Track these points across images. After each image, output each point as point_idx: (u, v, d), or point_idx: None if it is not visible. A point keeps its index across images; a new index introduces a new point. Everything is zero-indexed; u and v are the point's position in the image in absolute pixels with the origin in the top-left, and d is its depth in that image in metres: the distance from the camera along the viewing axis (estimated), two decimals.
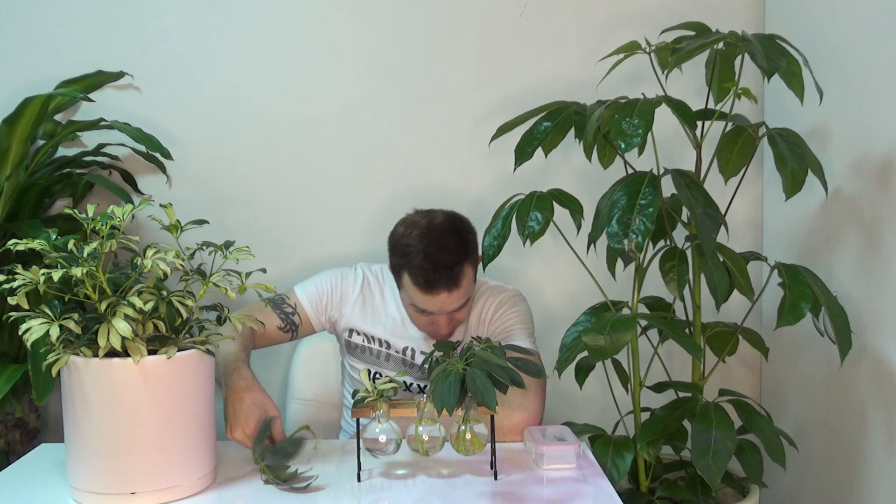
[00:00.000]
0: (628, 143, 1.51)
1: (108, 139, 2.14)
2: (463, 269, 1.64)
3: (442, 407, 1.25)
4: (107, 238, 1.26)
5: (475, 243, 1.70)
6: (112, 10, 2.19)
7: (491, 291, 1.81)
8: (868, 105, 1.73)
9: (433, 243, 1.64)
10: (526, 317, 1.79)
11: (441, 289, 1.62)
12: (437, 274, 1.61)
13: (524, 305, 1.81)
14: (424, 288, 1.63)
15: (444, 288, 1.62)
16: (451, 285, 1.63)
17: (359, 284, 1.82)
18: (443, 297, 1.63)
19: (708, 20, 1.74)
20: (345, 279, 1.82)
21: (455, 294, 1.64)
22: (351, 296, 1.81)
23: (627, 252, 1.51)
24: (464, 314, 1.72)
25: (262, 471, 1.37)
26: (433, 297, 1.63)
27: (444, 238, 1.65)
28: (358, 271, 1.85)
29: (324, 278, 1.82)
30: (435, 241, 1.64)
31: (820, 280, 1.63)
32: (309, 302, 1.78)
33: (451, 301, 1.65)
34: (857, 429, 1.78)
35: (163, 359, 1.25)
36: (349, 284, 1.82)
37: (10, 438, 2.01)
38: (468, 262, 1.66)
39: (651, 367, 1.77)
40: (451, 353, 1.37)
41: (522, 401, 1.56)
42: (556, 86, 2.12)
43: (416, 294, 1.65)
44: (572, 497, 1.33)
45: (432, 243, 1.64)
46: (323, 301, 1.79)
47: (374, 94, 2.24)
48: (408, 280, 1.65)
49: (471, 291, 1.70)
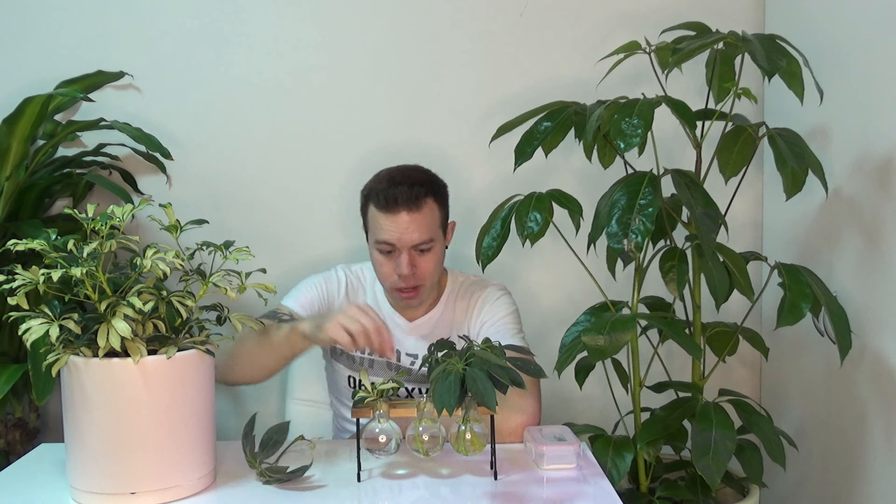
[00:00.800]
0: (628, 143, 1.51)
1: (108, 139, 2.14)
2: (425, 196, 1.66)
3: (442, 407, 1.25)
4: (107, 238, 1.26)
5: (444, 190, 1.73)
6: (112, 10, 2.19)
7: (475, 286, 1.80)
8: (868, 105, 1.73)
9: (398, 171, 1.70)
10: (514, 313, 1.77)
11: (401, 207, 1.63)
12: (399, 192, 1.63)
13: (510, 299, 1.79)
14: (384, 206, 1.64)
15: (403, 206, 1.63)
16: (412, 205, 1.63)
17: (343, 287, 1.81)
18: (403, 219, 1.63)
19: (708, 20, 1.74)
20: (329, 283, 1.81)
21: (416, 217, 1.64)
22: (336, 300, 1.80)
23: (627, 252, 1.51)
24: (429, 263, 1.69)
25: (261, 473, 1.37)
26: (393, 217, 1.64)
27: (409, 169, 1.72)
28: (340, 274, 1.84)
29: (309, 286, 1.80)
30: (399, 170, 1.71)
31: (820, 280, 1.63)
32: (303, 310, 1.75)
33: (413, 227, 1.64)
34: (857, 429, 1.78)
35: (163, 359, 1.25)
36: (333, 288, 1.81)
37: (10, 438, 2.01)
38: (432, 196, 1.68)
39: (651, 367, 1.77)
40: (451, 353, 1.37)
41: (521, 403, 1.54)
42: (556, 86, 2.12)
43: (377, 220, 1.66)
44: (572, 497, 1.33)
45: (397, 172, 1.70)
46: (315, 307, 1.77)
47: (374, 94, 2.24)
48: (372, 209, 1.67)
49: (435, 233, 1.68)
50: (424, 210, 1.65)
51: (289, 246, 2.23)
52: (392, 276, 1.69)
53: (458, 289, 1.80)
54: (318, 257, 2.20)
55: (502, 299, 1.78)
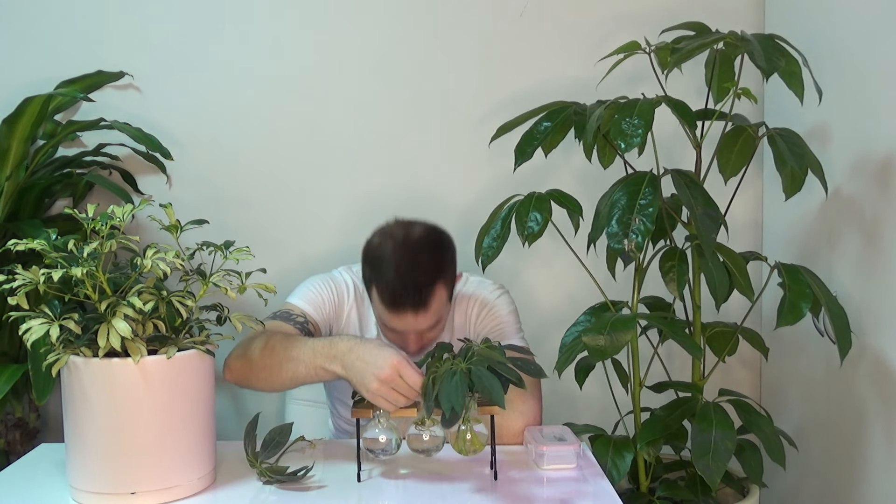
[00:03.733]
0: (628, 143, 1.51)
1: (108, 139, 2.14)
2: (433, 291, 1.56)
3: (450, 407, 1.24)
4: (107, 238, 1.26)
5: (453, 262, 1.63)
6: (112, 10, 2.19)
7: (475, 288, 1.77)
8: (868, 105, 1.73)
9: (405, 259, 1.55)
10: (513, 313, 1.76)
11: (407, 309, 1.55)
12: (405, 292, 1.53)
13: (508, 298, 1.77)
14: (390, 305, 1.56)
15: (410, 308, 1.55)
16: (419, 306, 1.55)
17: (352, 293, 1.75)
18: (409, 318, 1.56)
19: (708, 20, 1.74)
20: (337, 286, 1.75)
21: (423, 316, 1.56)
22: (346, 304, 1.75)
23: (627, 252, 1.51)
24: (436, 333, 1.65)
25: (262, 473, 1.37)
26: (399, 317, 1.56)
27: (417, 255, 1.57)
28: (346, 277, 1.77)
29: (317, 284, 1.74)
30: (408, 257, 1.55)
31: (820, 280, 1.63)
32: (313, 308, 1.70)
33: (419, 322, 1.57)
34: (857, 429, 1.78)
35: (163, 359, 1.25)
36: (343, 292, 1.75)
37: (10, 438, 2.01)
38: (441, 283, 1.57)
39: (651, 367, 1.77)
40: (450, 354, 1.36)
41: (522, 406, 1.53)
42: (556, 86, 2.11)
43: (382, 310, 1.58)
44: (572, 497, 1.33)
45: (405, 259, 1.55)
46: (326, 307, 1.72)
47: (375, 94, 2.24)
48: (376, 295, 1.58)
49: (443, 312, 1.62)
50: (433, 305, 1.56)
51: (289, 246, 2.23)
52: (398, 344, 1.62)
53: (457, 293, 1.76)
54: (319, 257, 2.20)
55: (501, 299, 1.76)
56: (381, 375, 1.33)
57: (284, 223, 2.25)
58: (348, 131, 2.24)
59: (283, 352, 1.47)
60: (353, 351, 1.39)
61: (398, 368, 1.33)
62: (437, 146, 2.23)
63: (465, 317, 1.75)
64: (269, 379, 1.48)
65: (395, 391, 1.33)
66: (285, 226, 2.25)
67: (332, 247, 2.23)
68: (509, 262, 2.18)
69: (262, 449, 1.39)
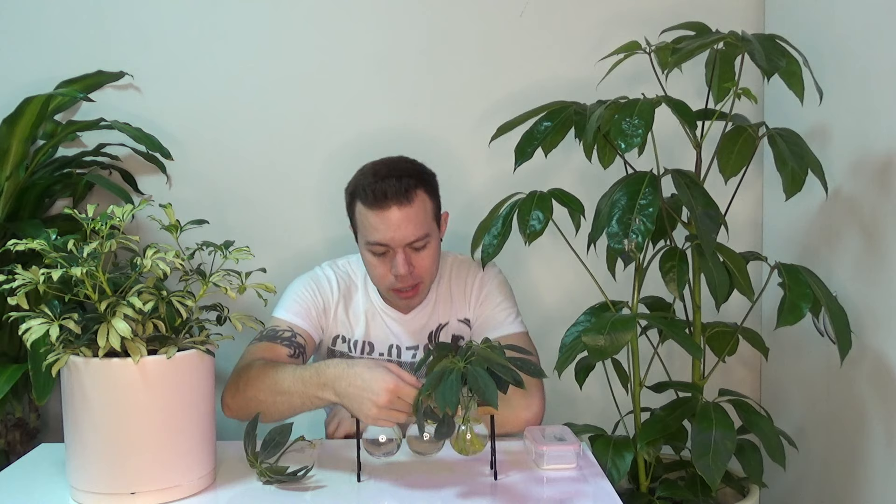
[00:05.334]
0: (628, 143, 1.51)
1: (108, 139, 2.14)
2: (415, 188, 1.58)
3: (444, 406, 1.25)
4: (107, 238, 1.26)
5: (433, 180, 1.68)
6: (112, 10, 2.19)
7: (466, 265, 1.78)
8: (868, 105, 1.73)
9: (383, 165, 1.64)
10: (510, 294, 1.78)
11: (391, 202, 1.55)
12: (387, 185, 1.56)
13: (502, 277, 1.79)
14: (373, 203, 1.56)
15: (393, 201, 1.55)
16: (402, 198, 1.56)
17: (335, 288, 1.74)
18: (394, 215, 1.56)
19: (708, 20, 1.74)
20: (319, 284, 1.74)
21: (408, 212, 1.56)
22: (332, 302, 1.73)
23: (627, 252, 1.51)
24: (425, 260, 1.63)
25: (261, 473, 1.37)
26: (383, 214, 1.56)
27: (394, 160, 1.66)
28: (328, 273, 1.76)
29: (299, 291, 1.72)
30: (384, 163, 1.65)
31: (820, 280, 1.63)
32: (300, 318, 1.68)
33: (405, 223, 1.56)
34: (857, 429, 1.78)
35: (163, 359, 1.25)
36: (326, 289, 1.74)
37: (10, 438, 2.00)
38: (423, 187, 1.61)
39: (651, 367, 1.77)
40: (449, 353, 1.36)
41: (527, 401, 1.54)
42: (556, 86, 2.11)
43: (366, 219, 1.58)
44: (572, 497, 1.33)
45: (382, 165, 1.64)
46: (312, 313, 1.70)
47: (375, 94, 2.24)
48: (359, 207, 1.59)
49: (429, 227, 1.62)
50: (416, 203, 1.58)
51: (289, 246, 2.23)
52: (388, 278, 1.63)
53: (450, 270, 1.78)
54: (319, 257, 2.19)
55: (496, 279, 1.77)
56: (380, 402, 1.31)
57: (284, 223, 2.25)
58: (348, 131, 2.24)
59: (273, 385, 1.45)
60: (343, 377, 1.37)
61: (395, 391, 1.31)
62: (437, 146, 2.23)
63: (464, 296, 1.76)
64: (268, 413, 1.46)
65: (395, 411, 1.32)
66: (285, 226, 2.25)
67: (332, 247, 2.23)
68: (508, 261, 2.18)
69: (262, 449, 1.39)
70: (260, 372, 1.48)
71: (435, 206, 1.66)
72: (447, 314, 1.76)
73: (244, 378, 1.50)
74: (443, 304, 1.76)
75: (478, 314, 1.75)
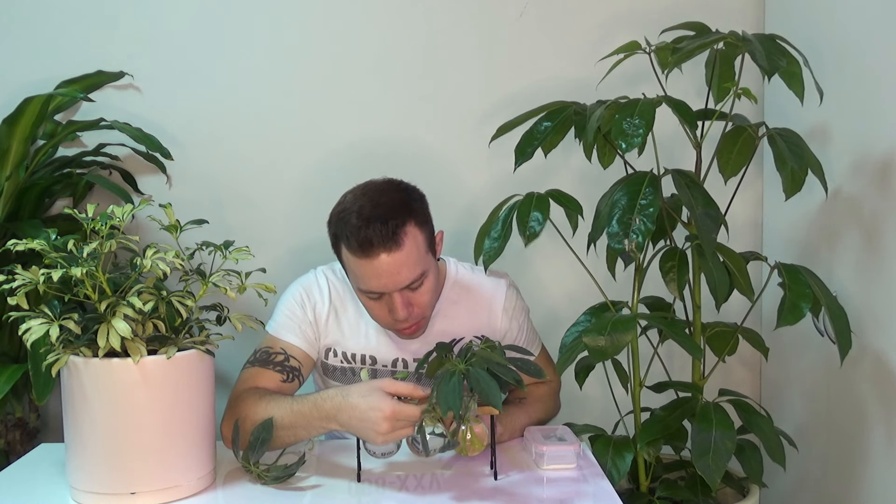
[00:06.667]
0: (629, 143, 1.50)
1: (108, 139, 2.14)
2: (403, 227, 1.44)
3: (447, 409, 1.24)
4: (107, 238, 1.26)
5: (423, 205, 1.54)
6: (112, 10, 2.19)
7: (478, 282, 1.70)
8: (868, 105, 1.73)
9: (367, 202, 1.46)
10: (528, 315, 1.77)
11: (377, 248, 1.41)
12: (372, 229, 1.41)
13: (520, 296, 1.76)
14: (359, 251, 1.42)
15: (380, 247, 1.41)
16: (389, 243, 1.41)
17: (326, 294, 1.63)
18: (383, 261, 1.42)
19: (708, 20, 1.74)
20: (310, 292, 1.63)
21: (397, 256, 1.42)
22: (321, 309, 1.62)
23: (627, 252, 1.51)
24: (424, 296, 1.52)
25: (259, 476, 1.37)
26: (372, 263, 1.42)
27: (377, 194, 1.48)
28: (321, 279, 1.66)
29: (289, 304, 1.62)
30: (368, 199, 1.47)
31: (820, 280, 1.63)
32: (293, 335, 1.59)
33: (395, 267, 1.43)
34: (857, 429, 1.78)
35: (163, 359, 1.25)
36: (316, 296, 1.63)
37: (10, 438, 2.00)
38: (412, 222, 1.46)
39: (651, 367, 1.77)
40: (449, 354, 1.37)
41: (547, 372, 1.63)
42: (556, 86, 2.11)
43: (356, 267, 1.46)
44: (572, 497, 1.33)
45: (366, 202, 1.46)
46: (305, 326, 1.60)
47: (375, 94, 2.24)
48: (346, 252, 1.46)
49: (424, 262, 1.49)
50: (406, 244, 1.44)
51: (289, 246, 2.23)
52: (387, 319, 1.53)
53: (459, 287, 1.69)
54: (319, 258, 2.19)
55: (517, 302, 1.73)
56: (382, 430, 1.30)
57: (285, 223, 2.25)
58: (348, 131, 2.24)
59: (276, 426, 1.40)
60: (343, 409, 1.35)
61: (393, 417, 1.30)
62: (437, 146, 2.23)
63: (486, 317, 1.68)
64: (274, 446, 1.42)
65: (399, 430, 1.32)
66: (285, 226, 2.25)
67: None
68: (508, 261, 2.18)
69: (249, 450, 1.38)
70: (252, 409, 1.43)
71: (427, 236, 1.52)
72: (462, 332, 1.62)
73: (240, 414, 1.44)
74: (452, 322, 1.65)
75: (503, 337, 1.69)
